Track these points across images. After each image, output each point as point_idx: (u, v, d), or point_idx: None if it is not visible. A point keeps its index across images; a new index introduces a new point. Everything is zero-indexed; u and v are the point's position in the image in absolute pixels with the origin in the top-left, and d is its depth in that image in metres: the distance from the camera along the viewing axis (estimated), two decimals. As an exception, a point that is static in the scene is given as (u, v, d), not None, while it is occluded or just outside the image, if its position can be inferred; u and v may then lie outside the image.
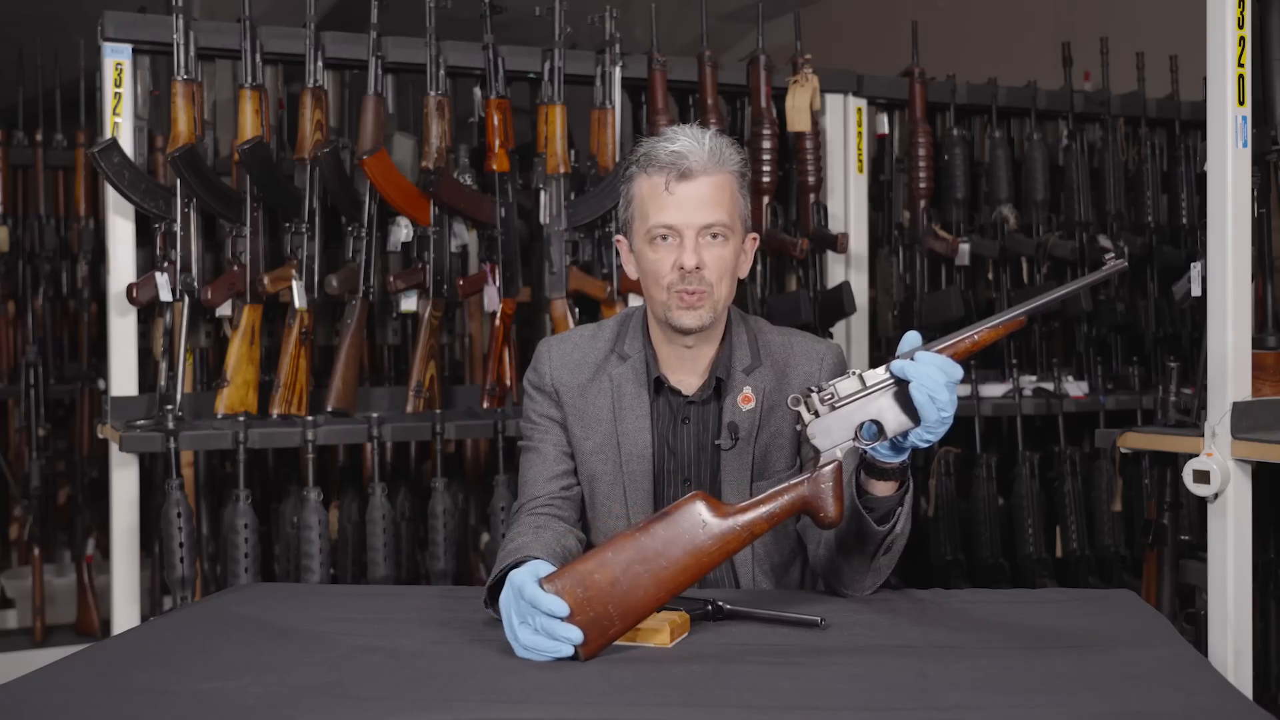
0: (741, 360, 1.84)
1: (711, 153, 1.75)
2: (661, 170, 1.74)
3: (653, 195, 1.75)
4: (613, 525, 1.83)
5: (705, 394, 1.83)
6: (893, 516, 1.61)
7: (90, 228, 4.03)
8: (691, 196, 1.74)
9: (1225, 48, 2.25)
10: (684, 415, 1.84)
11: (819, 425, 1.51)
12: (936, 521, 3.28)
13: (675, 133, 1.77)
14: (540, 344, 1.94)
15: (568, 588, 1.42)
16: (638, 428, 1.83)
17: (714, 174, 1.75)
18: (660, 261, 1.76)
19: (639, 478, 1.83)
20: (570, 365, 1.88)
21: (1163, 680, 1.35)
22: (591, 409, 1.85)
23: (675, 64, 3.05)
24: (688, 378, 1.85)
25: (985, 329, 1.54)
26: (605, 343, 1.89)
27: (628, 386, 1.84)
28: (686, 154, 1.73)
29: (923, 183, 3.35)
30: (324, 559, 2.58)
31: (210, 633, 1.59)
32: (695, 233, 1.74)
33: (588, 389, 1.86)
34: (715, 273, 1.75)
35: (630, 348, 1.86)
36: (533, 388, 1.90)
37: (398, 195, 2.75)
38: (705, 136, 1.76)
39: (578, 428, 1.86)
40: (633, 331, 1.88)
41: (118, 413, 2.67)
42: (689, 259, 1.73)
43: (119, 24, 2.67)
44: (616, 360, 1.86)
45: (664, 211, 1.74)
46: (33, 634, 3.90)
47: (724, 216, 1.75)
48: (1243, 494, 2.29)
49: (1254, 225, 2.36)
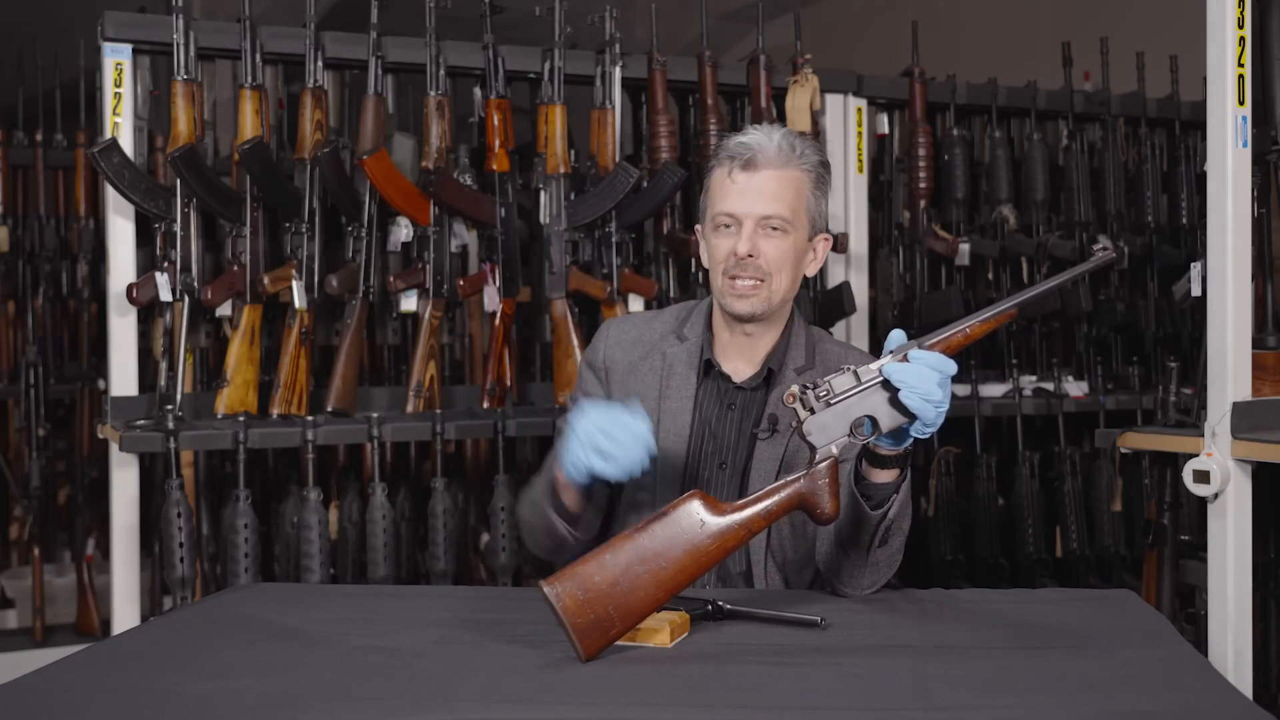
0: (796, 359, 1.88)
1: (780, 149, 1.80)
2: (729, 160, 1.82)
3: (719, 184, 1.83)
4: (640, 499, 1.86)
5: (755, 382, 1.87)
6: (888, 503, 1.61)
7: (90, 228, 4.04)
8: (753, 187, 1.80)
9: (1225, 48, 2.25)
10: (731, 401, 1.88)
11: (815, 422, 1.52)
12: (936, 521, 3.28)
13: (751, 128, 1.85)
14: (605, 322, 2.02)
15: (568, 590, 1.42)
16: (680, 407, 1.87)
17: (780, 169, 1.80)
18: (720, 247, 1.83)
19: (673, 456, 1.86)
20: (625, 343, 1.94)
21: (1163, 680, 1.35)
22: (639, 385, 1.90)
23: (675, 64, 3.05)
24: (742, 366, 1.89)
25: (977, 321, 1.55)
26: (665, 324, 1.95)
27: (678, 367, 1.89)
28: (753, 146, 1.80)
29: (923, 183, 3.35)
30: (324, 559, 2.58)
31: (210, 633, 1.58)
32: (754, 222, 1.80)
33: (639, 366, 1.91)
34: (772, 263, 1.81)
35: (690, 331, 1.92)
36: (586, 365, 1.97)
37: (398, 195, 2.75)
38: (777, 133, 1.82)
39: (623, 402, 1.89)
40: (696, 316, 1.94)
41: (118, 413, 2.67)
42: (743, 246, 1.79)
43: (119, 24, 2.67)
44: (674, 340, 1.92)
45: (727, 200, 1.81)
46: (33, 634, 3.89)
47: (784, 210, 1.80)
48: (1243, 494, 2.29)
49: (1254, 225, 2.36)
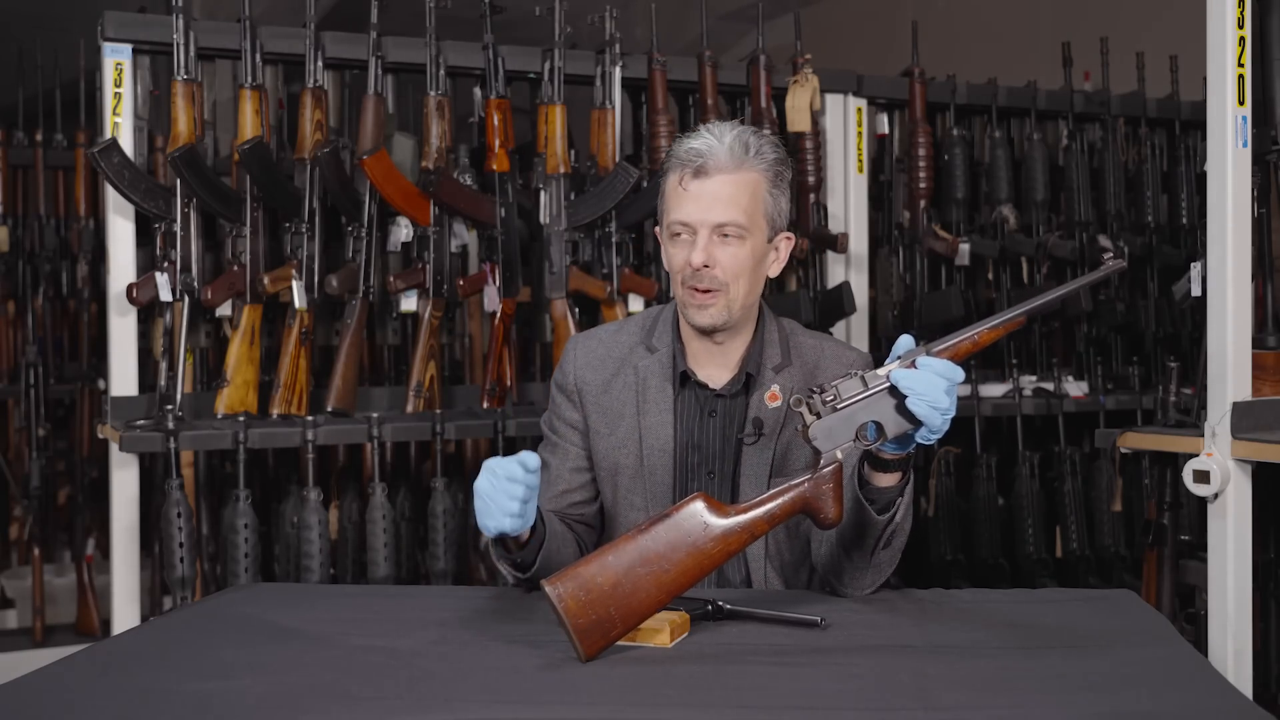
0: (772, 358, 1.85)
1: (732, 151, 1.74)
2: (680, 167, 1.76)
3: (672, 191, 1.78)
4: (634, 518, 1.84)
5: (734, 388, 1.84)
6: (893, 506, 1.61)
7: (90, 228, 4.03)
8: (706, 193, 1.74)
9: (1225, 48, 2.25)
10: (711, 409, 1.84)
11: (820, 426, 1.51)
12: (936, 521, 3.28)
13: (702, 129, 1.78)
14: (569, 341, 1.95)
15: (570, 591, 1.42)
16: (660, 421, 1.84)
17: (732, 172, 1.74)
18: (675, 256, 1.78)
19: (659, 471, 1.83)
20: (594, 362, 1.89)
21: (1163, 680, 1.35)
22: (615, 403, 1.86)
23: (675, 64, 3.05)
24: (717, 372, 1.85)
25: (985, 329, 1.54)
26: (632, 336, 1.90)
27: (653, 380, 1.85)
28: (704, 151, 1.74)
29: (923, 183, 3.35)
30: (324, 559, 2.58)
31: (210, 633, 1.59)
32: (709, 230, 1.74)
33: (611, 384, 1.87)
34: (728, 272, 1.75)
35: (659, 341, 1.87)
36: (557, 388, 1.91)
37: (398, 195, 2.75)
38: (729, 134, 1.75)
39: (601, 423, 1.87)
40: (663, 325, 1.89)
41: (118, 413, 2.67)
42: (697, 257, 1.74)
43: (119, 24, 2.67)
44: (644, 352, 1.87)
45: (680, 207, 1.76)
46: (33, 634, 3.89)
47: (739, 216, 1.74)
48: (1243, 494, 2.29)
49: (1254, 225, 2.36)
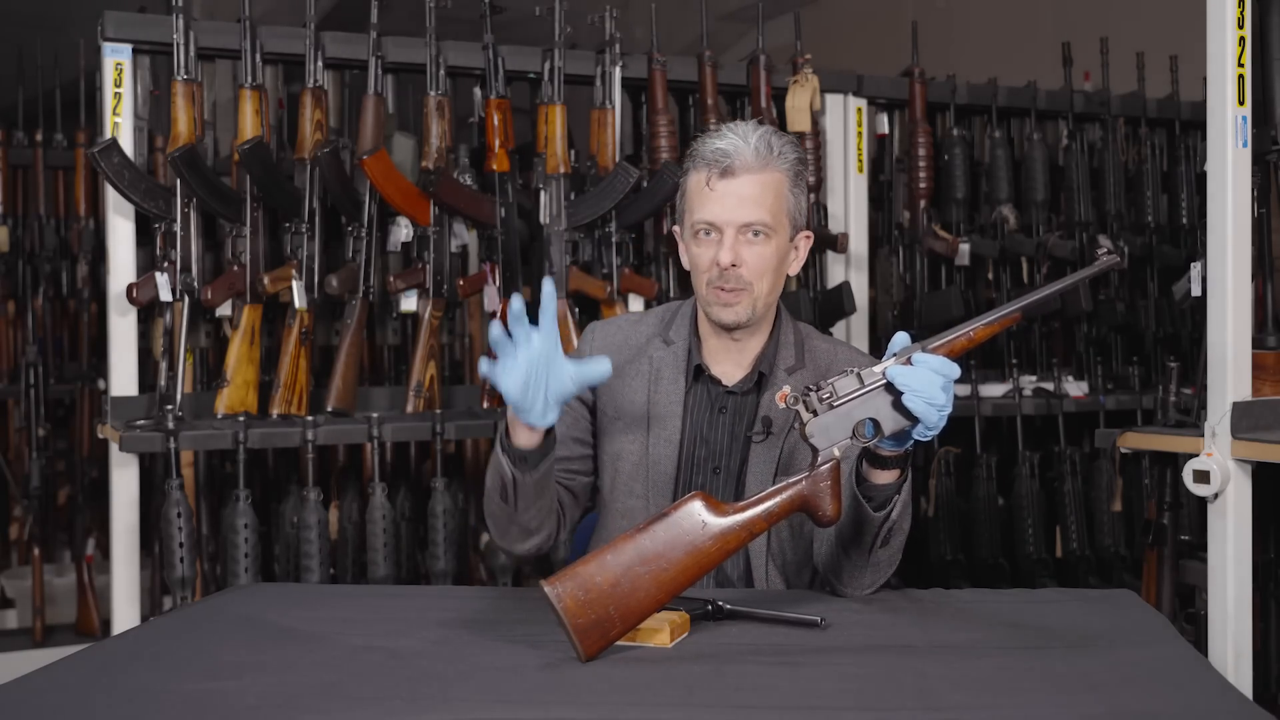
0: (786, 359, 1.86)
1: (757, 151, 1.76)
2: (705, 166, 1.77)
3: (697, 191, 1.79)
4: (632, 505, 1.85)
5: (746, 386, 1.85)
6: (890, 504, 1.61)
7: (90, 228, 4.03)
8: (733, 194, 1.76)
9: (1225, 48, 2.25)
10: (721, 405, 1.86)
11: (817, 424, 1.51)
12: (936, 521, 3.28)
13: (725, 129, 1.80)
14: (589, 326, 1.98)
15: (569, 590, 1.42)
16: (669, 412, 1.85)
17: (758, 172, 1.76)
18: (701, 256, 1.79)
19: (664, 461, 1.84)
20: (611, 347, 1.90)
21: (1163, 680, 1.35)
22: (626, 389, 1.87)
23: (675, 64, 3.05)
24: (731, 369, 1.87)
25: (981, 325, 1.54)
26: (650, 327, 1.92)
27: (666, 371, 1.87)
28: (730, 151, 1.76)
29: (923, 183, 3.35)
30: (324, 559, 2.58)
31: (210, 633, 1.58)
32: (735, 230, 1.76)
33: (625, 370, 1.88)
34: (754, 271, 1.78)
35: (676, 334, 1.89)
36: None
37: (398, 195, 2.75)
38: (753, 134, 1.78)
39: (610, 407, 1.88)
40: (681, 319, 1.91)
41: (118, 413, 2.67)
42: (725, 256, 1.76)
43: (119, 24, 2.67)
44: (660, 344, 1.89)
45: (706, 208, 1.78)
46: (33, 634, 3.89)
47: (765, 215, 1.76)
48: (1243, 494, 2.29)
49: (1254, 225, 2.36)
